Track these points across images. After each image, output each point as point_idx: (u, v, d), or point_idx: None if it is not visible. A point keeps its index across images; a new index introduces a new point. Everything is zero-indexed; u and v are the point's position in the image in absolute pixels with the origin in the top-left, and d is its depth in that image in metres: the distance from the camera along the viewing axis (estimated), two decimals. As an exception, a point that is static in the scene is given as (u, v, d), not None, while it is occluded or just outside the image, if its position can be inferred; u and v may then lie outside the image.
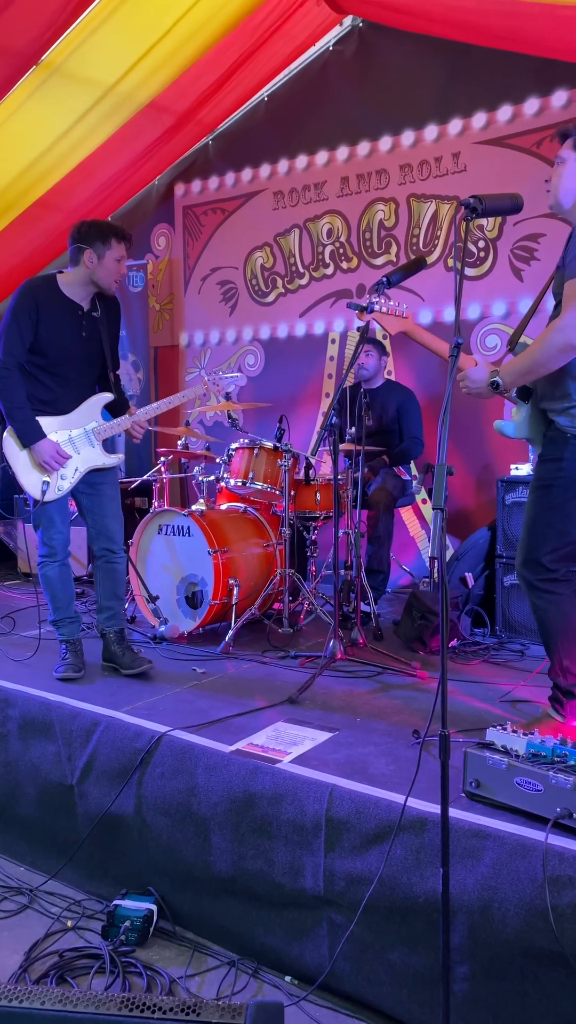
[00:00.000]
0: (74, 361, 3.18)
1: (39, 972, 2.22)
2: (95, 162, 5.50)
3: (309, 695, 2.99)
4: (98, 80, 4.82)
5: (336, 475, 3.41)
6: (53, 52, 4.48)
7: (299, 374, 5.56)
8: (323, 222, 5.42)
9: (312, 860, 2.15)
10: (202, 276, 6.05)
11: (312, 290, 5.51)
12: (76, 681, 3.16)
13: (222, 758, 2.42)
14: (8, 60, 4.38)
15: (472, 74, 4.75)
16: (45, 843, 2.77)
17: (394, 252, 5.14)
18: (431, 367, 4.93)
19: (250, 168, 5.72)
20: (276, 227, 5.63)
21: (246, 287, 5.82)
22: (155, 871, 2.47)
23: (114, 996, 1.56)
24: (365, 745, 2.52)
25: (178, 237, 6.17)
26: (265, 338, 5.75)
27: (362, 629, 3.66)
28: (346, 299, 5.34)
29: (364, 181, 5.23)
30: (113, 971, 2.19)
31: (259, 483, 4.05)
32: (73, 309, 3.16)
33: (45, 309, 3.10)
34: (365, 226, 5.24)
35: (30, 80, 4.61)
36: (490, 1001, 1.87)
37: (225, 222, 5.90)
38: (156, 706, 2.88)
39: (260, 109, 5.68)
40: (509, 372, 2.45)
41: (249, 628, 3.94)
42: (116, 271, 3.16)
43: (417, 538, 5.11)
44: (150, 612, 3.91)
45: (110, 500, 3.32)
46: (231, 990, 2.16)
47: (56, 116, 4.98)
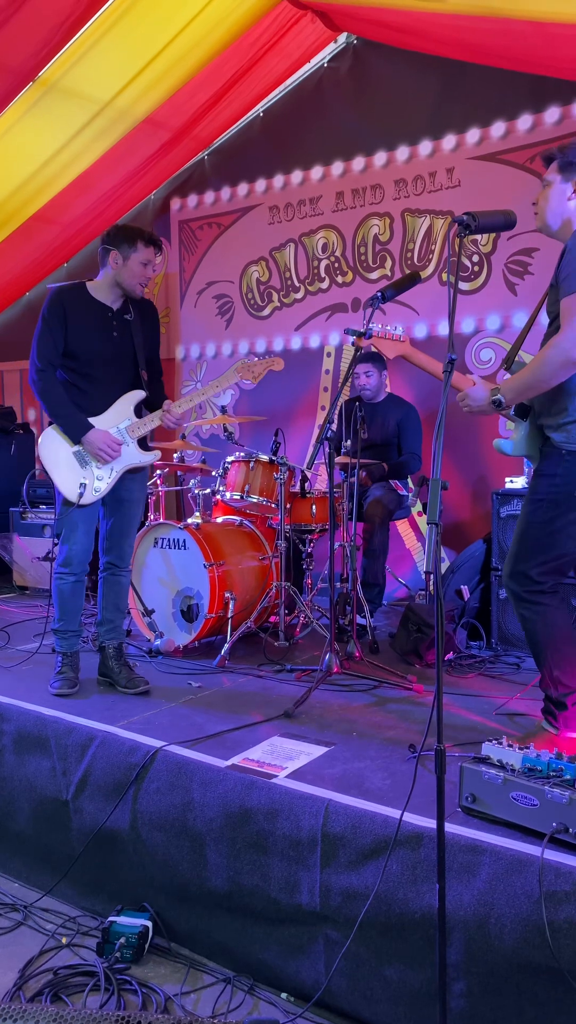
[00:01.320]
0: (106, 362, 3.20)
1: (34, 990, 2.20)
2: (91, 177, 5.53)
3: (305, 709, 2.98)
4: (95, 96, 4.85)
5: (332, 488, 3.42)
6: (50, 68, 4.51)
7: (295, 388, 5.58)
8: (318, 236, 5.45)
9: (308, 876, 2.14)
10: (198, 290, 6.08)
11: (307, 304, 5.53)
12: (71, 696, 3.15)
13: (218, 773, 2.41)
14: (5, 77, 4.41)
15: (466, 90, 4.79)
16: (40, 859, 2.76)
17: (389, 266, 5.17)
18: (427, 381, 4.94)
19: (246, 183, 5.76)
20: (271, 241, 5.66)
21: (242, 301, 5.85)
22: (150, 887, 2.46)
23: (109, 1014, 1.55)
24: (361, 759, 2.52)
25: (174, 251, 6.19)
26: (261, 351, 5.76)
27: (358, 642, 3.66)
28: (341, 313, 5.37)
29: (359, 196, 5.26)
30: (108, 989, 2.17)
31: (255, 496, 4.05)
32: (102, 311, 3.19)
33: (73, 314, 3.14)
34: (360, 240, 5.27)
35: (27, 96, 4.64)
36: (487, 1017, 1.87)
37: (221, 236, 5.94)
38: (151, 721, 2.87)
39: (256, 124, 5.72)
40: (509, 389, 2.47)
41: (245, 641, 3.94)
42: (141, 274, 3.17)
43: (413, 551, 5.12)
44: (145, 625, 3.91)
45: (133, 519, 3.33)
46: (227, 1007, 2.15)
47: (53, 131, 5.02)
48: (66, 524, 3.19)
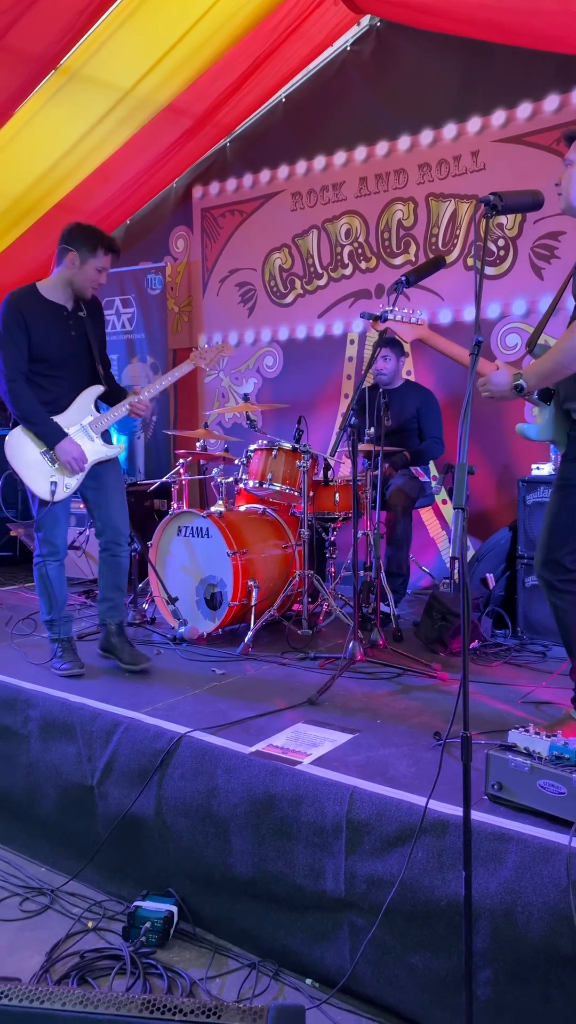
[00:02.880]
0: (66, 362, 3.25)
1: (60, 973, 2.22)
2: (114, 165, 5.52)
3: (329, 697, 2.97)
4: (116, 84, 4.84)
5: (355, 476, 3.40)
6: (71, 57, 4.50)
7: (318, 375, 5.55)
8: (341, 222, 5.41)
9: (333, 862, 2.14)
10: (220, 278, 6.06)
11: (331, 291, 5.49)
12: (81, 677, 3.21)
13: (242, 759, 2.41)
14: (27, 65, 4.40)
15: (491, 72, 4.72)
16: (66, 844, 2.78)
17: (413, 252, 5.12)
18: (450, 367, 4.90)
19: (268, 169, 5.72)
20: (294, 228, 5.62)
21: (264, 288, 5.82)
22: (175, 873, 2.47)
23: (135, 998, 1.55)
24: (386, 747, 2.51)
25: (196, 239, 6.18)
26: (284, 339, 5.74)
27: (382, 630, 3.64)
28: (365, 299, 5.32)
29: (382, 181, 5.21)
30: (134, 972, 2.19)
31: (278, 484, 4.04)
32: (57, 311, 3.23)
33: (31, 317, 3.16)
34: (384, 226, 5.22)
35: (48, 85, 4.64)
36: (514, 1006, 1.85)
37: (243, 224, 5.91)
38: (176, 707, 2.88)
39: (278, 110, 5.68)
40: (532, 374, 2.43)
41: (268, 630, 3.94)
42: (95, 279, 3.23)
43: (437, 539, 5.08)
44: (170, 613, 3.92)
45: (115, 492, 3.36)
46: (252, 992, 2.16)
47: (75, 120, 5.01)
48: (48, 519, 3.24)
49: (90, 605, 4.65)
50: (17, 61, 4.32)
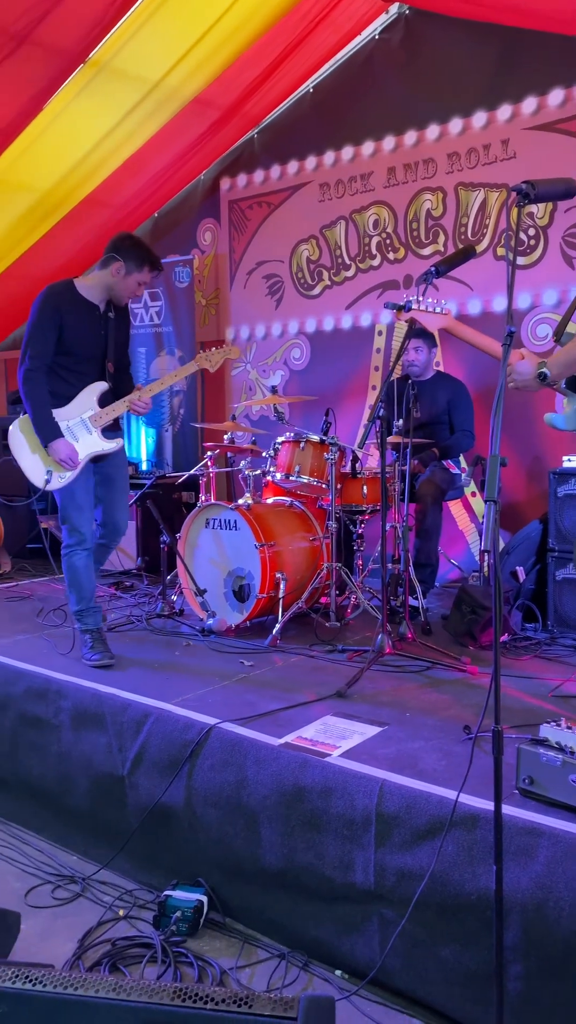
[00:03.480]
0: (92, 358, 3.39)
1: (92, 960, 2.25)
2: (142, 158, 5.53)
3: (357, 689, 2.97)
4: (144, 76, 4.84)
5: (384, 468, 3.38)
6: (100, 50, 4.51)
7: (345, 367, 5.53)
8: (369, 213, 5.37)
9: (362, 855, 2.14)
10: (248, 270, 6.05)
11: (358, 282, 5.47)
12: (111, 668, 3.26)
13: (271, 751, 2.42)
14: (56, 59, 4.42)
15: (522, 59, 4.65)
16: (97, 833, 2.81)
17: (442, 242, 5.07)
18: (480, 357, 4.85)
19: (296, 160, 5.70)
20: (322, 219, 5.60)
21: (292, 280, 5.81)
22: (205, 863, 2.49)
23: (167, 986, 1.57)
24: (415, 740, 2.50)
25: (224, 231, 6.18)
26: (311, 331, 5.73)
27: (410, 623, 3.62)
28: (393, 290, 5.29)
29: (411, 171, 5.17)
30: (165, 961, 2.21)
31: (305, 477, 4.04)
32: (91, 310, 3.37)
33: (67, 312, 3.28)
34: (412, 216, 5.18)
35: (78, 78, 4.65)
36: (544, 1001, 1.84)
37: (271, 215, 5.89)
38: (205, 698, 2.89)
39: (306, 101, 5.65)
40: (556, 363, 2.40)
41: (296, 622, 3.94)
42: (134, 291, 3.40)
43: (466, 532, 5.05)
44: (198, 605, 3.94)
45: (121, 493, 3.55)
46: (281, 983, 2.17)
47: (103, 113, 5.03)
48: (72, 509, 3.35)
49: (119, 596, 4.69)
50: (47, 55, 4.34)
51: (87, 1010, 1.55)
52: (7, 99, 4.55)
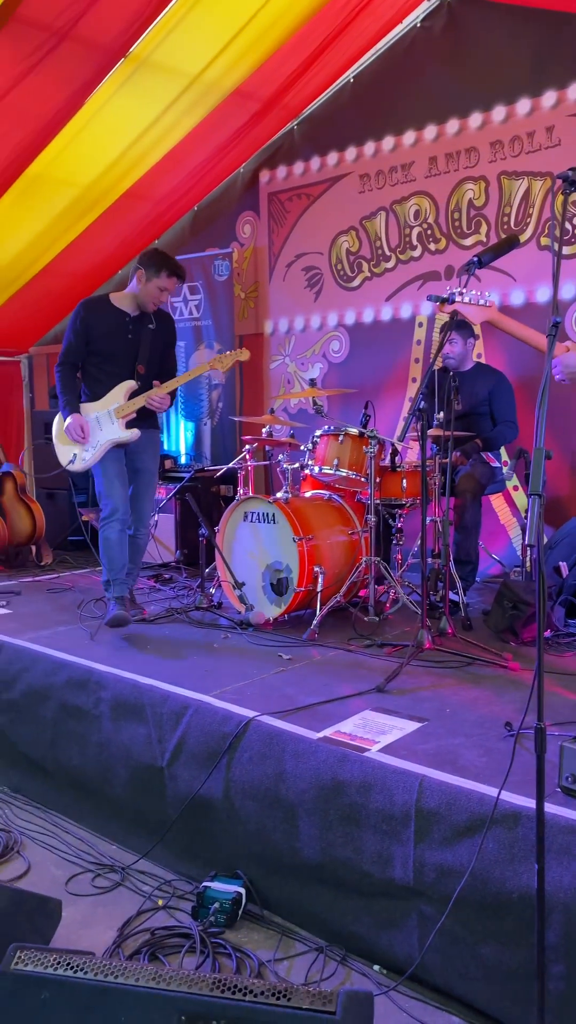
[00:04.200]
0: (121, 359, 3.83)
1: (132, 948, 2.27)
2: (181, 151, 5.55)
3: (397, 684, 2.95)
4: (184, 70, 4.85)
5: (424, 461, 3.35)
6: (140, 44, 4.53)
7: (385, 359, 5.49)
8: (410, 204, 5.32)
9: (401, 850, 2.12)
10: (287, 263, 6.04)
11: (399, 273, 5.42)
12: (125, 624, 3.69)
13: (310, 745, 2.42)
14: (97, 54, 4.45)
15: (567, 44, 4.55)
16: (136, 823, 2.84)
17: (484, 232, 5.00)
18: (523, 348, 4.77)
19: (336, 152, 5.66)
20: (362, 210, 5.56)
21: (331, 272, 5.78)
22: (243, 855, 2.50)
23: (206, 976, 1.57)
24: (455, 736, 2.48)
25: (263, 224, 6.16)
26: (350, 323, 5.69)
27: (450, 618, 3.59)
28: (434, 281, 5.23)
29: (453, 160, 5.10)
30: (203, 951, 2.22)
31: (344, 470, 4.02)
32: (120, 316, 3.84)
33: (94, 321, 3.80)
34: (454, 206, 5.11)
35: (118, 73, 4.67)
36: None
37: (310, 207, 5.86)
38: (243, 691, 2.90)
39: (346, 91, 5.61)
40: None
41: (334, 616, 3.93)
42: (156, 297, 3.82)
43: (508, 526, 4.98)
44: (236, 598, 3.94)
45: (148, 486, 3.98)
46: (319, 976, 2.16)
47: (143, 107, 5.05)
48: (104, 480, 3.81)
49: (158, 589, 4.72)
50: (87, 51, 4.36)
51: (127, 998, 1.56)
52: (49, 95, 4.58)
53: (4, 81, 4.33)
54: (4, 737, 3.38)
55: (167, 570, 5.31)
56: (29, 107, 4.58)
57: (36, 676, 3.29)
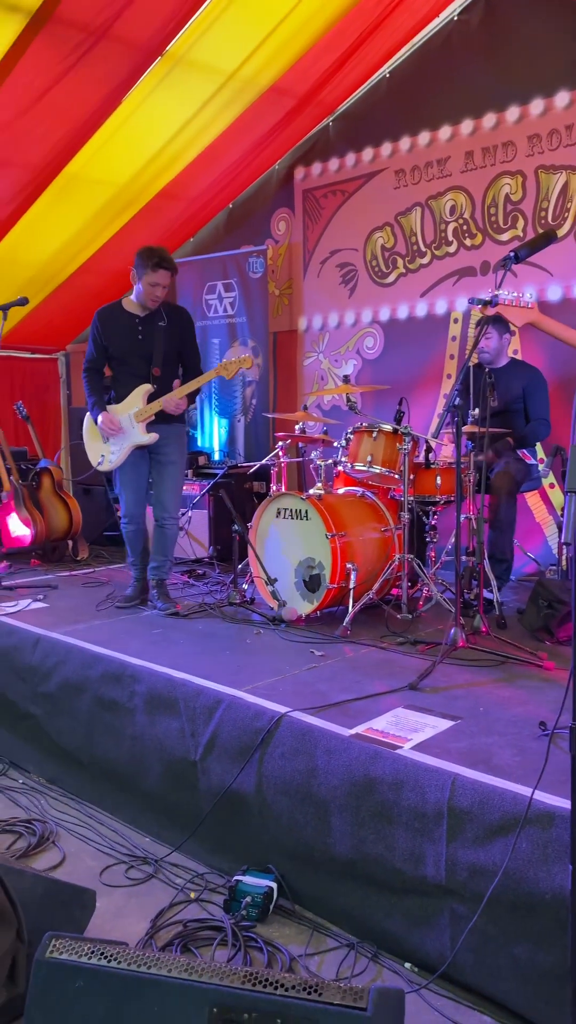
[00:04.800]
0: (135, 360, 3.98)
1: (164, 940, 2.29)
2: (216, 150, 5.57)
3: (430, 682, 2.94)
4: (220, 67, 4.86)
5: (459, 458, 3.33)
6: (176, 42, 4.55)
7: (419, 356, 5.46)
8: (446, 199, 5.28)
9: (433, 848, 2.12)
10: (321, 259, 6.03)
11: (434, 269, 5.38)
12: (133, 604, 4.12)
13: (342, 741, 2.42)
14: (134, 53, 4.48)
15: (607, 34, 4.49)
16: (169, 816, 2.86)
17: (521, 227, 4.95)
18: (560, 344, 4.72)
19: (371, 147, 5.64)
20: (397, 206, 5.53)
21: (366, 268, 5.76)
22: (275, 849, 2.50)
23: (238, 969, 1.59)
24: (489, 735, 2.46)
25: (298, 221, 6.16)
26: (385, 320, 5.67)
27: (484, 617, 3.56)
28: (470, 277, 5.19)
29: (489, 155, 5.05)
30: (235, 944, 2.23)
31: (377, 467, 4.00)
32: (130, 319, 3.98)
33: (107, 326, 3.99)
34: (490, 201, 5.06)
35: (155, 72, 4.70)
36: (622, 1007, 1.79)
37: (345, 204, 5.85)
38: (276, 687, 2.91)
39: (382, 86, 5.58)
40: None
41: (367, 613, 3.92)
42: (149, 293, 3.90)
43: (544, 524, 4.93)
44: (269, 594, 3.95)
45: (170, 478, 4.10)
46: (350, 972, 2.17)
47: (179, 106, 5.07)
48: (120, 486, 4.14)
49: (192, 584, 4.75)
50: (124, 49, 4.40)
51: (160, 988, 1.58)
52: (87, 94, 4.63)
53: (43, 81, 4.38)
54: (40, 729, 3.43)
55: (200, 566, 5.34)
56: (67, 107, 4.63)
57: (72, 669, 3.33)
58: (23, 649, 3.58)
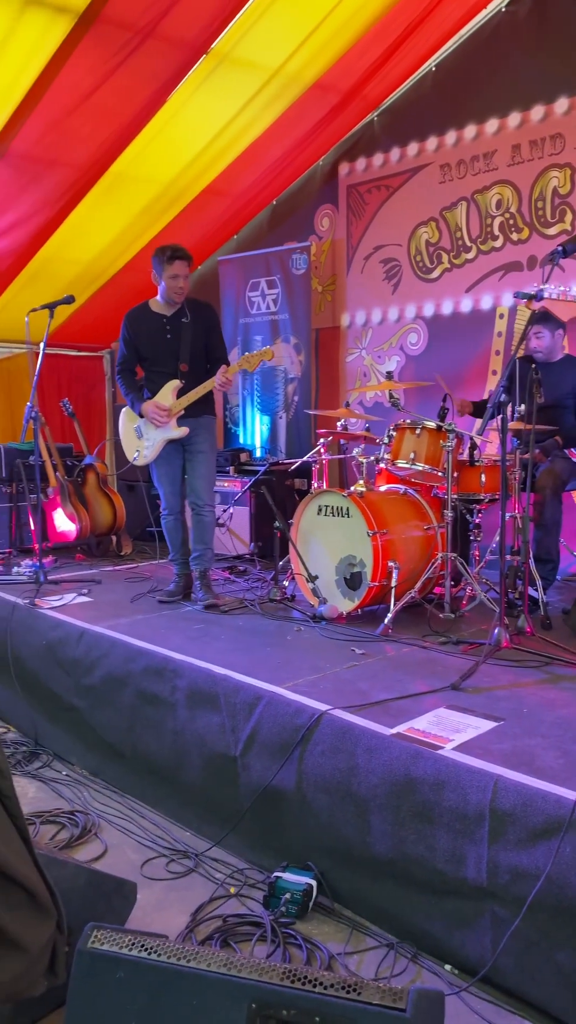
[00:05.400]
0: (164, 359, 4.09)
1: (204, 934, 2.30)
2: (261, 146, 5.57)
3: (472, 682, 2.91)
4: (264, 64, 4.86)
5: (504, 456, 3.28)
6: (221, 40, 4.56)
7: (464, 351, 5.40)
8: (492, 193, 5.21)
9: (475, 850, 2.09)
10: (365, 255, 6.00)
11: (479, 264, 5.32)
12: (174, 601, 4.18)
13: (382, 740, 2.40)
14: (179, 52, 4.50)
15: None
16: (209, 811, 2.87)
17: (569, 220, 4.86)
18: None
19: (416, 142, 5.59)
20: (442, 201, 5.47)
21: (410, 264, 5.71)
22: (315, 847, 2.50)
23: (277, 966, 1.58)
24: (532, 736, 2.42)
25: (341, 217, 6.14)
26: (429, 315, 5.62)
27: (529, 617, 3.51)
28: (516, 272, 5.12)
29: (537, 148, 4.97)
30: (274, 941, 2.24)
31: (420, 464, 3.97)
32: (157, 319, 4.09)
33: (136, 328, 4.12)
34: (537, 195, 4.99)
35: (200, 70, 4.72)
36: None
37: (389, 199, 5.81)
38: (316, 684, 2.90)
39: (427, 80, 5.52)
40: None
41: (408, 612, 3.89)
42: (172, 286, 4.01)
43: (589, 523, 4.83)
44: (309, 591, 3.95)
45: (201, 465, 4.18)
46: (390, 972, 2.15)
47: (224, 103, 5.09)
48: (156, 479, 4.26)
49: (233, 581, 4.77)
50: (170, 48, 4.42)
51: (199, 983, 1.59)
52: (133, 93, 4.67)
53: (91, 81, 4.42)
54: (84, 721, 3.47)
55: (241, 562, 5.36)
56: (113, 106, 4.68)
57: (115, 663, 3.36)
58: (68, 642, 3.63)
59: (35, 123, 4.57)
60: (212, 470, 4.23)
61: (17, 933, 1.56)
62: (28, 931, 1.60)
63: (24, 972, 1.59)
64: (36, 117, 4.53)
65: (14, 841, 1.62)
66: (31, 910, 1.62)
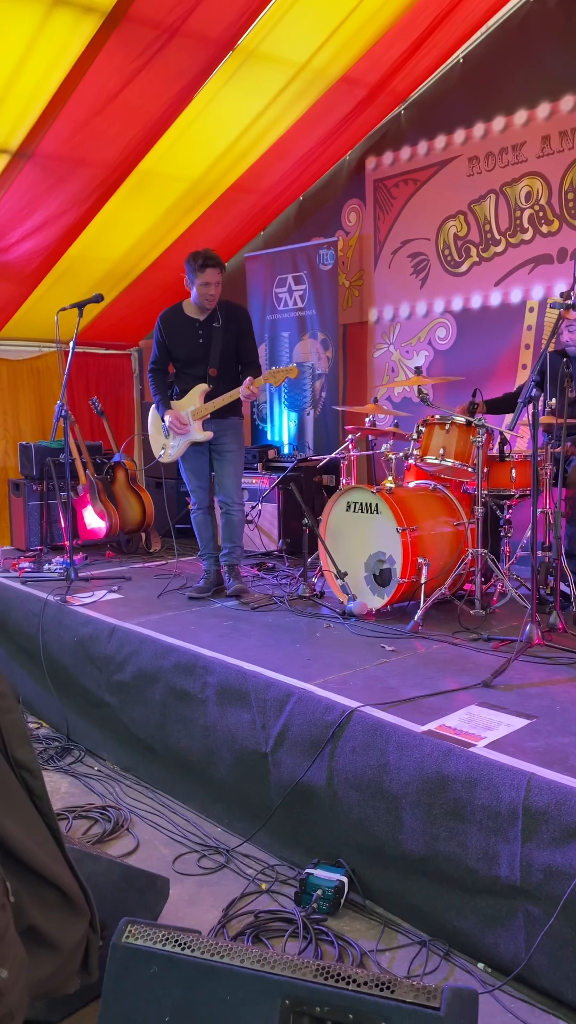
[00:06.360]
0: (196, 363, 4.15)
1: (236, 929, 2.31)
2: (287, 142, 5.55)
3: (504, 680, 2.88)
4: (291, 59, 4.85)
5: (535, 451, 3.25)
6: (248, 36, 4.55)
7: (493, 346, 5.35)
8: (521, 185, 5.15)
9: (508, 848, 2.08)
10: (392, 250, 5.96)
11: (508, 257, 5.26)
12: (203, 598, 4.19)
13: (414, 737, 2.39)
14: (206, 48, 4.50)
15: None
16: (241, 807, 2.88)
17: (600, 212, 4.79)
18: None
19: (443, 135, 5.54)
20: (470, 194, 5.42)
21: (438, 258, 5.67)
22: (346, 844, 2.50)
23: (309, 962, 1.58)
24: (565, 735, 2.40)
25: (368, 212, 6.10)
26: (457, 310, 5.57)
27: (561, 614, 3.47)
28: (546, 264, 5.05)
29: (567, 138, 4.90)
30: (306, 937, 2.24)
31: (450, 460, 3.94)
32: (191, 324, 4.14)
33: (170, 330, 4.18)
34: (568, 186, 4.92)
35: (226, 66, 4.72)
36: None
37: (417, 193, 5.77)
38: (346, 681, 2.90)
39: (455, 72, 5.47)
40: None
41: (438, 608, 3.87)
42: (203, 293, 4.05)
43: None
44: (339, 588, 3.94)
45: (228, 464, 4.24)
46: (422, 970, 2.15)
47: (251, 99, 5.08)
48: (185, 475, 4.33)
49: (262, 577, 4.77)
50: (197, 45, 4.42)
51: (232, 978, 1.59)
52: (160, 91, 4.67)
53: (118, 80, 4.44)
54: (115, 717, 3.50)
55: (270, 559, 5.36)
56: (140, 104, 4.69)
57: (145, 659, 3.39)
58: (99, 639, 3.66)
59: (63, 123, 4.59)
60: (239, 468, 4.28)
61: (50, 932, 1.58)
62: (61, 930, 1.62)
63: (57, 970, 1.61)
64: (64, 117, 4.55)
65: (47, 842, 1.63)
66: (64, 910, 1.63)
